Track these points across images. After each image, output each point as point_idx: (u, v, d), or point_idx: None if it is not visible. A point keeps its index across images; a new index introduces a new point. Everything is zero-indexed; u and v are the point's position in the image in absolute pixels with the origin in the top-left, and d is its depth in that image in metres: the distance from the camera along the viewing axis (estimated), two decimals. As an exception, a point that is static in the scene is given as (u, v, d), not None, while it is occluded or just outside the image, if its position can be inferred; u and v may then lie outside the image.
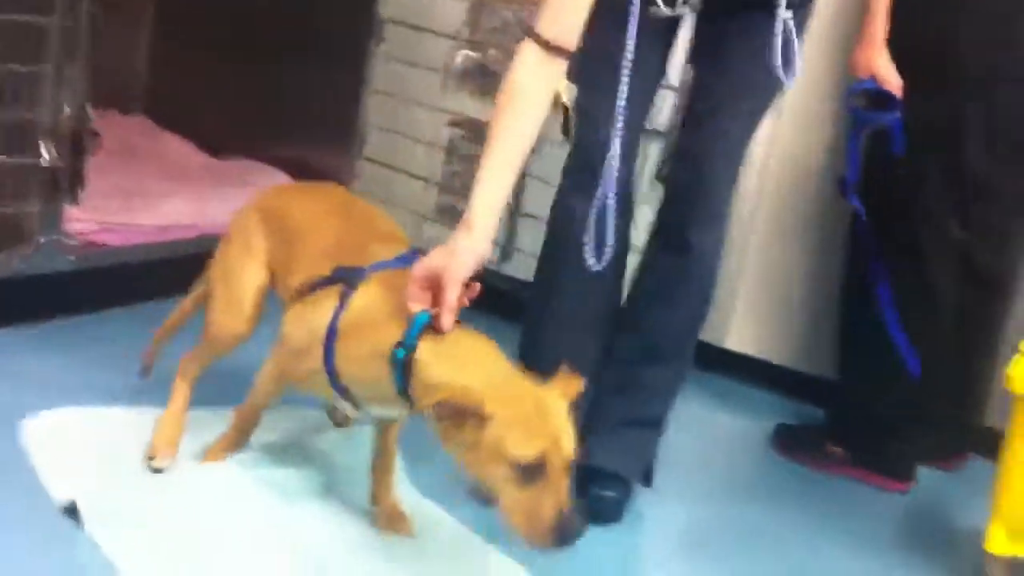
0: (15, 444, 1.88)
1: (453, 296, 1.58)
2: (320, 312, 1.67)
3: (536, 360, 2.09)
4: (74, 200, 2.31)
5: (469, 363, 1.56)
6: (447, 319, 1.58)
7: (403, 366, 1.57)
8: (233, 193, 3.06)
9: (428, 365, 1.55)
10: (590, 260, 1.90)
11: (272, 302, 1.90)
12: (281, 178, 3.22)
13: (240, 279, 1.88)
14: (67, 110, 2.26)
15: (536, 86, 1.71)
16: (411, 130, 3.19)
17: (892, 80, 2.25)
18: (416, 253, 1.72)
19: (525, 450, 1.47)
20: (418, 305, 1.60)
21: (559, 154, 2.83)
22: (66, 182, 2.29)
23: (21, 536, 1.64)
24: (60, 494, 1.73)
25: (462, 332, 1.60)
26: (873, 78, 2.26)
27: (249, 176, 3.23)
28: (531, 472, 1.47)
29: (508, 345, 1.72)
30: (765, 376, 2.94)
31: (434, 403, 1.49)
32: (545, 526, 1.46)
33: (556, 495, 1.47)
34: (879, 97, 2.28)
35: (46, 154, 2.25)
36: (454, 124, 3.14)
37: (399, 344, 1.57)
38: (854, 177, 2.35)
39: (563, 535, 1.47)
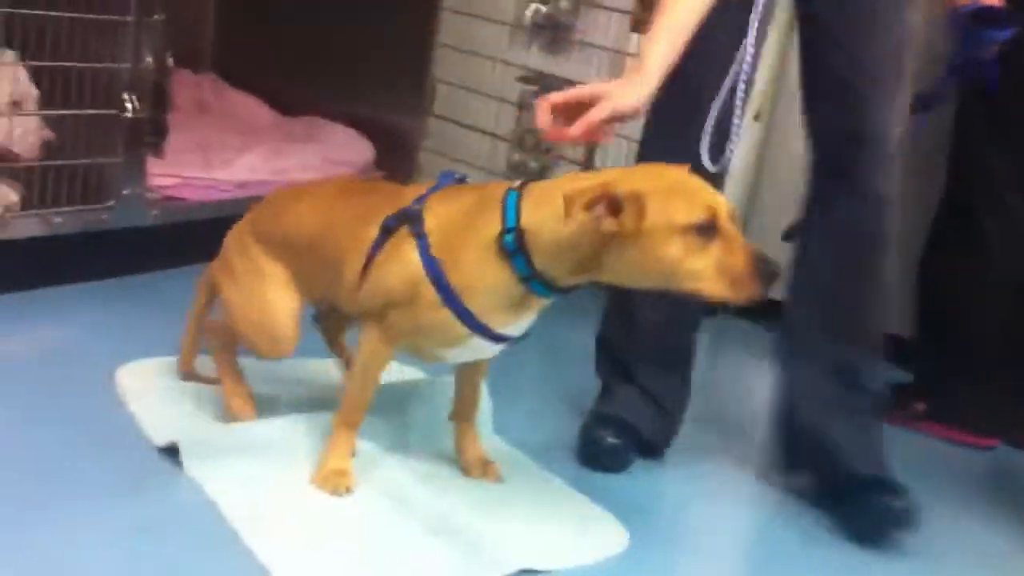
0: (107, 391, 1.91)
1: (599, 114, 1.53)
2: (403, 258, 1.61)
3: (626, 338, 2.04)
4: (158, 152, 2.32)
5: (575, 184, 1.51)
6: (577, 131, 1.53)
7: (518, 250, 1.53)
8: (305, 149, 3.07)
9: (542, 228, 1.51)
10: (705, 160, 1.76)
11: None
12: (348, 133, 3.21)
13: (271, 309, 1.78)
14: (148, 61, 2.26)
15: None
16: (481, 86, 3.17)
17: None
18: (450, 175, 1.69)
19: (693, 212, 1.46)
20: (545, 117, 1.54)
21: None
22: (149, 134, 2.30)
23: (123, 478, 1.66)
24: (158, 437, 1.75)
25: (546, 182, 1.57)
26: None
27: (318, 132, 3.24)
28: (706, 232, 1.46)
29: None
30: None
31: (587, 202, 1.43)
32: (746, 273, 1.46)
33: (738, 243, 1.47)
34: (985, 16, 2.18)
35: (130, 106, 2.26)
36: (524, 80, 3.11)
37: (502, 232, 1.53)
38: (943, 99, 2.25)
39: (768, 274, 1.46)
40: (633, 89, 1.59)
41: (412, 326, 1.63)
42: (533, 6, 3.08)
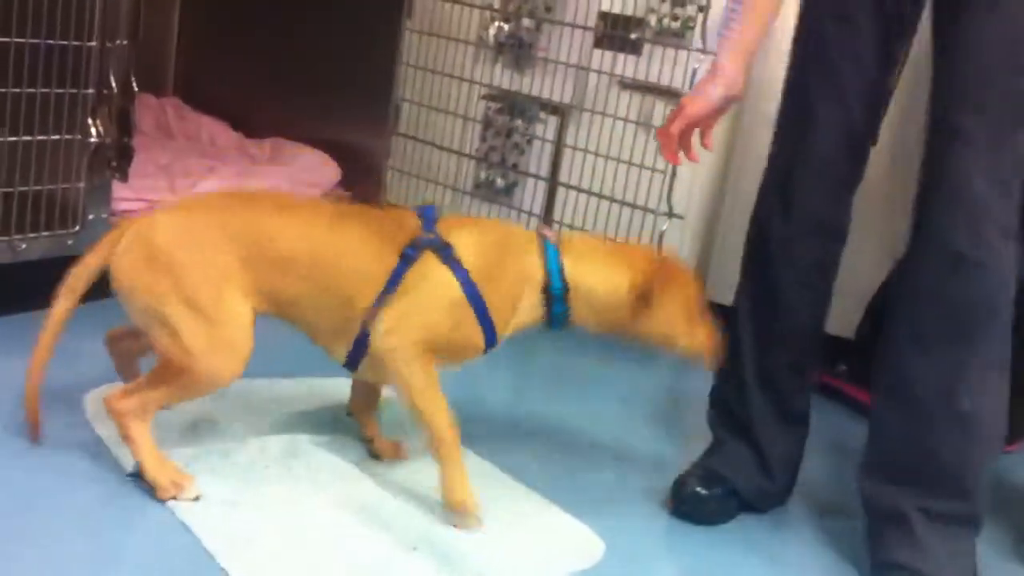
0: (76, 417, 1.90)
1: (675, 127, 1.73)
2: (443, 281, 1.66)
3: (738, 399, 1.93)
4: (123, 176, 2.31)
5: (610, 261, 1.75)
6: (667, 150, 1.77)
7: (562, 300, 1.71)
8: (271, 171, 3.07)
9: (592, 292, 1.73)
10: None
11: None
12: (314, 154, 3.22)
13: (227, 311, 1.62)
14: (113, 86, 2.26)
15: None
16: (446, 104, 3.18)
17: None
18: (431, 207, 1.76)
19: (698, 298, 1.78)
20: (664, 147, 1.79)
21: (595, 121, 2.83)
22: (114, 159, 2.29)
23: (95, 503, 1.65)
24: (128, 462, 1.73)
25: (577, 240, 1.79)
26: None
27: (284, 154, 3.24)
28: (704, 310, 1.79)
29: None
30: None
31: (638, 294, 1.72)
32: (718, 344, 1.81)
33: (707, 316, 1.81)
34: None
35: (94, 131, 2.25)
36: (489, 97, 3.13)
37: (549, 282, 1.71)
38: None
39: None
40: (704, 93, 1.70)
41: (447, 344, 1.69)
42: (496, 24, 3.11)
